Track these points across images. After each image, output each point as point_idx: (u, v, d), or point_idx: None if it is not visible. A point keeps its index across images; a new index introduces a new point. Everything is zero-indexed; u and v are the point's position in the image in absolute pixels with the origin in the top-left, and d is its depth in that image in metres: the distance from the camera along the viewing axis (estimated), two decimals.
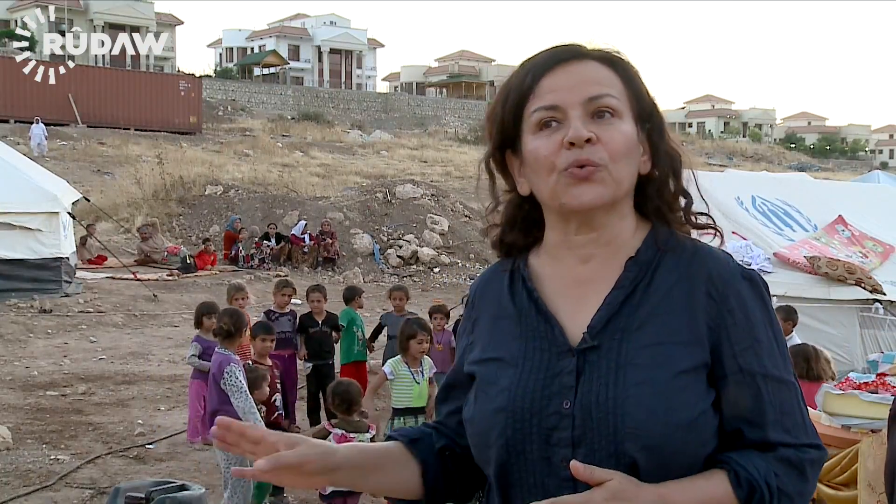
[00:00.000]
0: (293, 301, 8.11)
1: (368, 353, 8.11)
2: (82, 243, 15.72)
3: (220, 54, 72.21)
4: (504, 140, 1.46)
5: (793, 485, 1.34)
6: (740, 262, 1.45)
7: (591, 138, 1.35)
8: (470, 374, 1.48)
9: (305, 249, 17.79)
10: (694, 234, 1.50)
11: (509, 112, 1.43)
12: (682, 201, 1.48)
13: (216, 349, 5.19)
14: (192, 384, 6.96)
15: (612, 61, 1.42)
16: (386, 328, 8.03)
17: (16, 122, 31.88)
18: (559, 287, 1.45)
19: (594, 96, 1.37)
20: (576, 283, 1.44)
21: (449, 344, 7.35)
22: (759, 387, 1.35)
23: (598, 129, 1.36)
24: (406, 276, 17.66)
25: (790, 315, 6.59)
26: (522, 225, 1.52)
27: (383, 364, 8.40)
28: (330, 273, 17.40)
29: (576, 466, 1.28)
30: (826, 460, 1.42)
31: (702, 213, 1.49)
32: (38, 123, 28.17)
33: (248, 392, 4.88)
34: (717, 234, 1.48)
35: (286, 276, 16.47)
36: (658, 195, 1.45)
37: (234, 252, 17.47)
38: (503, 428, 1.37)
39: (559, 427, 1.34)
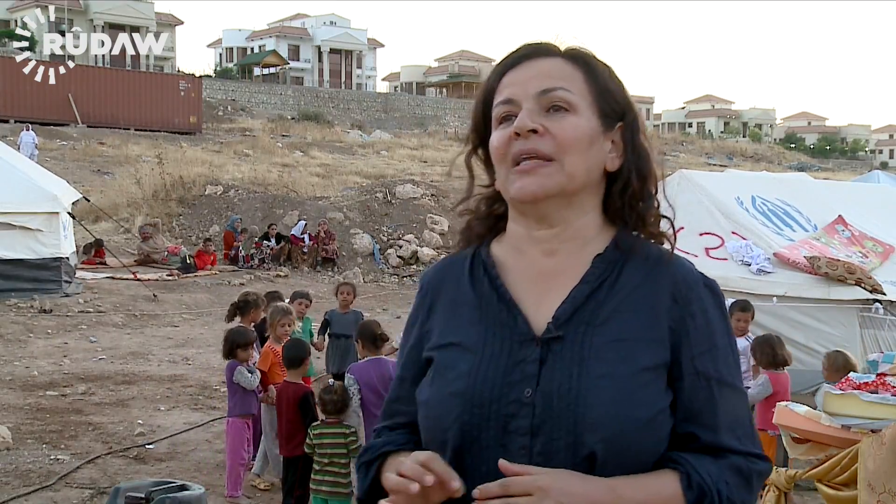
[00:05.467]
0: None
1: (316, 350, 7.87)
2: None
3: (220, 54, 72.23)
4: (480, 138, 1.50)
5: (739, 494, 1.35)
6: (702, 272, 1.45)
7: (538, 129, 1.37)
8: (428, 358, 1.47)
9: (305, 249, 17.79)
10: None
11: (479, 110, 1.48)
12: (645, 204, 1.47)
13: None
14: (230, 425, 5.74)
15: (577, 58, 1.44)
16: (330, 326, 7.66)
17: (16, 122, 31.85)
18: (523, 277, 1.45)
19: (546, 89, 1.39)
20: (540, 275, 1.44)
21: None
22: (713, 391, 1.37)
23: (548, 121, 1.38)
24: (406, 276, 17.66)
25: (747, 308, 6.59)
26: (491, 218, 1.54)
27: (327, 366, 8.04)
28: (330, 273, 17.40)
29: (504, 465, 1.28)
30: (770, 474, 1.44)
31: (664, 217, 1.49)
32: (28, 131, 26.28)
33: None
34: (669, 243, 1.48)
35: (286, 276, 16.52)
36: (620, 194, 1.45)
37: (234, 252, 17.48)
38: (459, 413, 1.36)
39: (518, 415, 1.33)
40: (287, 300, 7.30)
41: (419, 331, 1.52)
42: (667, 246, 1.48)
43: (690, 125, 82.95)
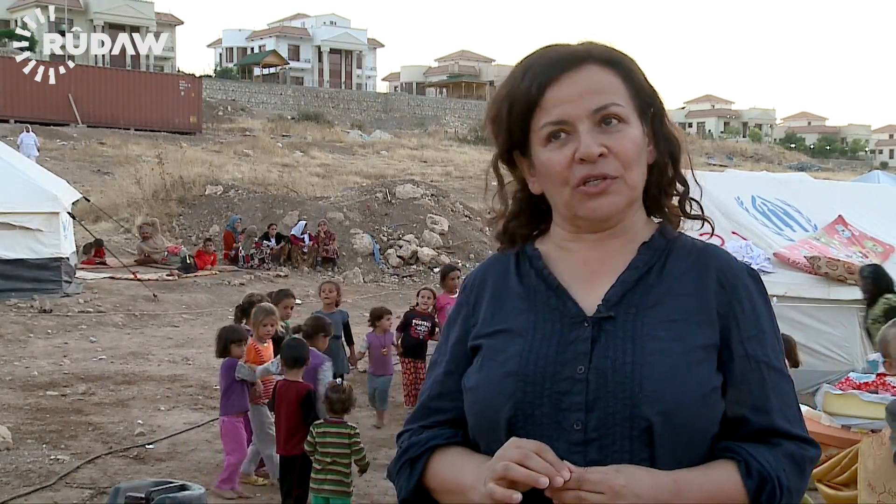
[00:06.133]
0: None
1: None
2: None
3: (220, 54, 72.23)
4: (512, 145, 1.48)
5: (794, 482, 1.36)
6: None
7: (603, 153, 1.37)
8: (474, 347, 1.47)
9: (305, 249, 17.80)
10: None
11: (516, 122, 1.44)
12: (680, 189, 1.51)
13: None
14: (225, 424, 5.76)
15: (612, 63, 1.43)
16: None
17: (16, 122, 31.87)
18: (569, 267, 1.47)
19: (600, 107, 1.39)
20: (587, 264, 1.46)
21: (391, 345, 7.59)
22: (763, 374, 1.39)
23: (607, 138, 1.38)
24: (406, 276, 17.66)
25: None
26: (529, 217, 1.54)
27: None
28: (330, 273, 17.40)
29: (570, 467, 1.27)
30: (818, 459, 1.45)
31: (694, 200, 1.52)
32: (28, 133, 26.14)
33: None
34: (708, 223, 1.52)
35: (286, 276, 16.51)
36: (656, 182, 1.48)
37: (234, 252, 17.48)
38: (513, 391, 1.37)
39: (572, 392, 1.34)
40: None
41: (464, 325, 1.52)
42: (703, 226, 1.52)
43: (690, 125, 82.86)
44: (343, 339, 7.46)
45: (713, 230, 1.52)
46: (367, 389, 7.59)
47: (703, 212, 1.54)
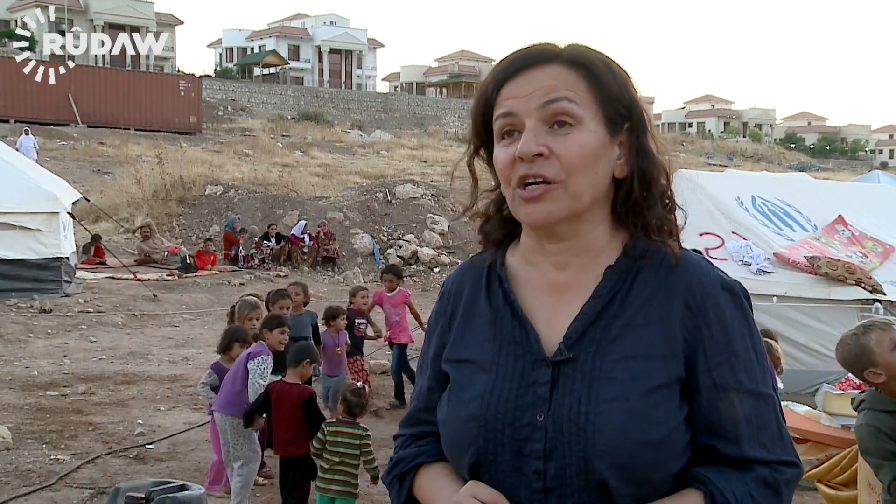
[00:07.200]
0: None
1: None
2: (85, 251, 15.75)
3: (220, 54, 72.31)
4: (481, 143, 1.45)
5: None
6: (722, 272, 1.40)
7: (543, 152, 1.31)
8: (446, 372, 1.47)
9: (305, 249, 17.81)
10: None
11: (479, 119, 1.43)
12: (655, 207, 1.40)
13: None
14: (213, 422, 5.80)
15: (578, 63, 1.36)
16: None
17: (16, 122, 31.90)
18: (535, 291, 1.43)
19: (549, 100, 1.32)
20: (552, 289, 1.42)
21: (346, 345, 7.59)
22: (733, 402, 1.33)
23: (553, 141, 1.32)
24: (406, 276, 17.65)
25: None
26: (505, 222, 1.50)
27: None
28: (330, 273, 17.41)
29: None
30: (801, 477, 1.41)
31: (668, 220, 1.42)
32: (27, 135, 25.99)
33: None
34: (674, 252, 1.39)
35: (286, 276, 16.51)
36: (624, 201, 1.40)
37: (234, 252, 17.48)
38: (475, 437, 1.36)
39: (532, 439, 1.32)
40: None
41: (440, 339, 1.51)
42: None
43: (690, 125, 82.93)
44: (312, 340, 7.45)
45: (677, 260, 1.38)
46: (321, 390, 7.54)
47: (678, 236, 1.42)
